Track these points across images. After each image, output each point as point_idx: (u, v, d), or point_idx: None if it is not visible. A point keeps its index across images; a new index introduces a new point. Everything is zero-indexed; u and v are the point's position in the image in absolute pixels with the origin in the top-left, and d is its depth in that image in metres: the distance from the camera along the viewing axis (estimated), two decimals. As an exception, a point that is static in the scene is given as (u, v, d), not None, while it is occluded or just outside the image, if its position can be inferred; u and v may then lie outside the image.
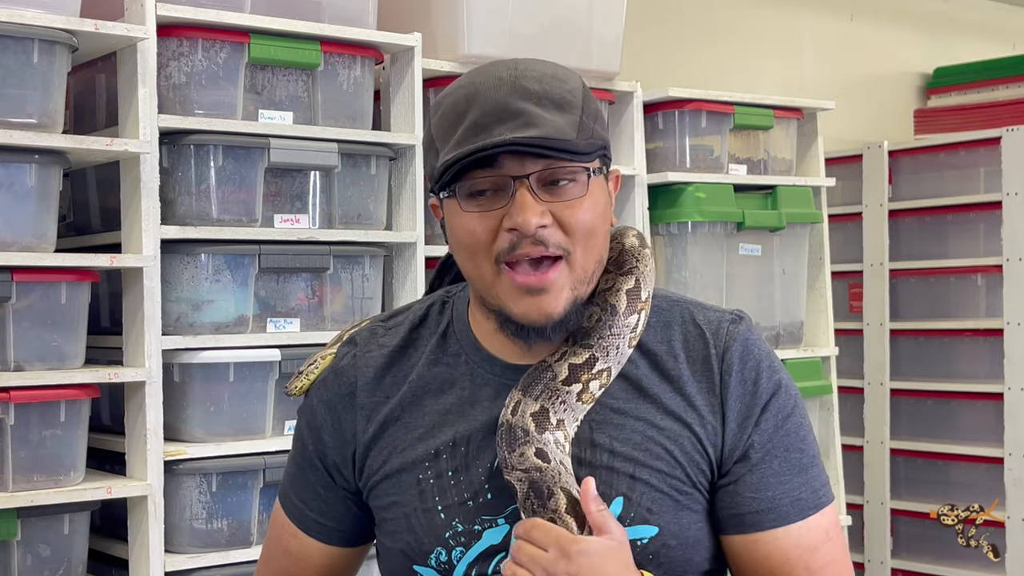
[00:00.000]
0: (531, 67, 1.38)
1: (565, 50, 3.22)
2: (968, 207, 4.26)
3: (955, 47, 5.14)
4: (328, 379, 1.52)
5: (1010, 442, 4.09)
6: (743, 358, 1.43)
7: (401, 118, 2.99)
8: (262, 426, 2.76)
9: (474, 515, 1.40)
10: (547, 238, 1.33)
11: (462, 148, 1.33)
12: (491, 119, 1.33)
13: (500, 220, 1.34)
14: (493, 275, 1.36)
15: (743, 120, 3.58)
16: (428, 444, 1.43)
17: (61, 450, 2.50)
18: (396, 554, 1.45)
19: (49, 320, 2.50)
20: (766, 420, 1.42)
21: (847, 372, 4.41)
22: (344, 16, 2.89)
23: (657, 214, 3.48)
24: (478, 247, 1.35)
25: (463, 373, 1.45)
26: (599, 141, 1.37)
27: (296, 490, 1.56)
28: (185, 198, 2.68)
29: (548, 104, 1.34)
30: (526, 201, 1.32)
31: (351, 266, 2.88)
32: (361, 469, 1.48)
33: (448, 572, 1.40)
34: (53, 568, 2.52)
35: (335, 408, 1.50)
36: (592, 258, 1.38)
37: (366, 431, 1.47)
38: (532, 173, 1.33)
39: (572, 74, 1.41)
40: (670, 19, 4.33)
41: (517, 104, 1.33)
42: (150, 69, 2.58)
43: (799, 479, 1.42)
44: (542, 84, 1.35)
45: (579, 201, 1.35)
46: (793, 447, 1.43)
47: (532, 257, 1.33)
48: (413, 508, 1.42)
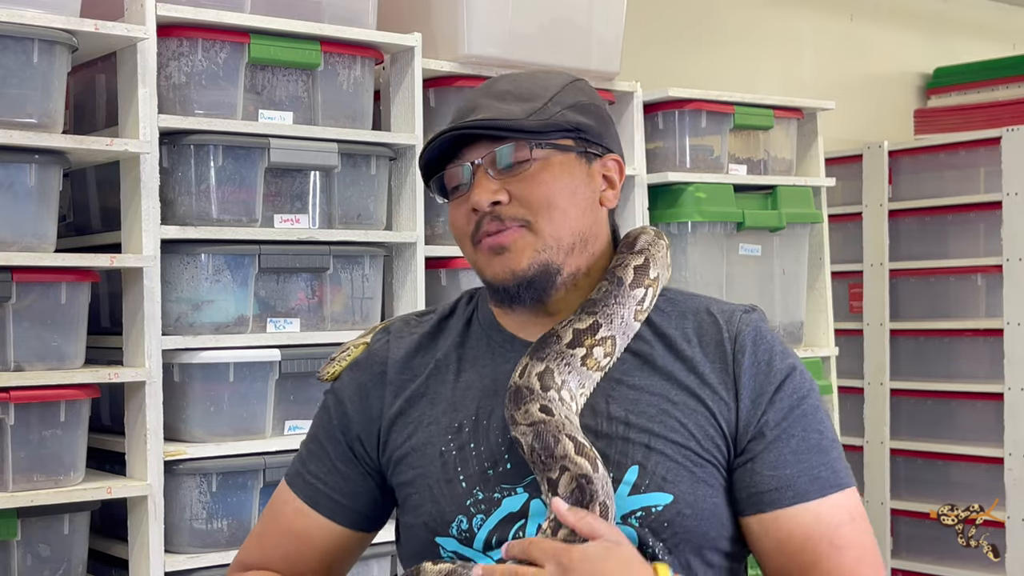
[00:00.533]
0: (523, 73, 1.54)
1: (565, 50, 3.23)
2: (968, 207, 4.26)
3: (955, 47, 5.14)
4: (361, 361, 1.59)
5: (1010, 442, 4.09)
6: (756, 341, 1.47)
7: (401, 118, 2.99)
8: (262, 426, 2.76)
9: (494, 484, 1.44)
10: (503, 213, 1.45)
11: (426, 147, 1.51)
12: (457, 117, 1.50)
13: (469, 206, 1.48)
14: (473, 254, 1.50)
15: (743, 120, 3.58)
16: (451, 417, 1.50)
17: (61, 450, 2.50)
18: (418, 529, 1.48)
19: (49, 320, 2.50)
20: (780, 399, 1.45)
21: (847, 372, 4.41)
22: (344, 16, 2.89)
23: (657, 214, 3.48)
24: (461, 233, 1.50)
25: (485, 352, 1.54)
26: (560, 122, 1.47)
27: (312, 467, 1.57)
28: (185, 198, 2.68)
29: (508, 98, 1.48)
30: (480, 182, 1.46)
31: (351, 266, 2.88)
32: (385, 444, 1.53)
33: (469, 540, 1.45)
34: (53, 568, 2.52)
35: (365, 386, 1.56)
36: (562, 228, 1.46)
37: (392, 406, 1.54)
38: (483, 158, 1.46)
39: (568, 77, 1.54)
40: (670, 19, 4.33)
41: (480, 101, 1.49)
42: (150, 69, 2.58)
43: (818, 458, 1.44)
44: (516, 83, 1.50)
45: (531, 174, 1.45)
46: (811, 427, 1.45)
47: (491, 232, 1.46)
48: (436, 479, 1.47)
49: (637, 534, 1.40)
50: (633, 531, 1.40)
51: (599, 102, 1.56)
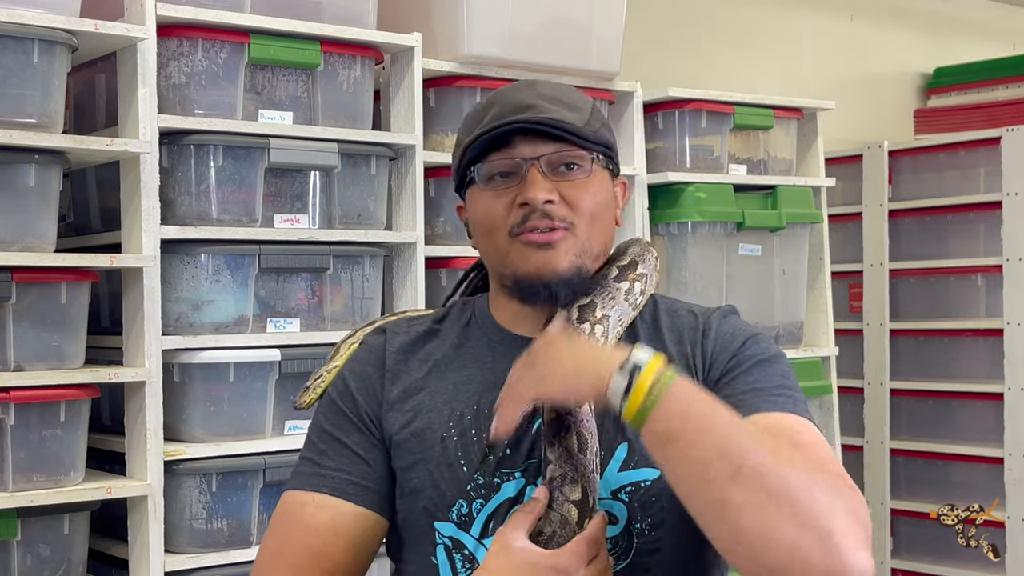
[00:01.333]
0: (547, 82, 1.59)
1: (565, 50, 3.23)
2: (968, 207, 4.26)
3: (955, 47, 5.14)
4: (359, 355, 1.62)
5: (1010, 442, 4.09)
6: (721, 319, 1.55)
7: (401, 118, 2.99)
8: (262, 426, 2.76)
9: (494, 468, 1.48)
10: (553, 212, 1.49)
11: (481, 129, 1.51)
12: (509, 111, 1.51)
13: (514, 198, 1.50)
14: (507, 245, 1.51)
15: (743, 120, 3.58)
16: (452, 406, 1.52)
17: (61, 450, 2.50)
18: (417, 514, 1.50)
19: (49, 320, 2.50)
20: (743, 354, 1.49)
21: (847, 372, 4.41)
22: (344, 16, 2.89)
23: (657, 214, 3.48)
24: (495, 223, 1.51)
25: (485, 350, 1.57)
26: (604, 138, 1.55)
27: (328, 464, 1.53)
28: (185, 198, 2.68)
29: (559, 103, 1.53)
30: (536, 179, 1.49)
31: (351, 266, 2.88)
32: (389, 425, 1.54)
33: (467, 526, 1.47)
34: (53, 568, 2.52)
35: (366, 373, 1.58)
36: (596, 237, 1.53)
37: (391, 391, 1.55)
38: (543, 155, 1.50)
39: (585, 95, 1.61)
40: (670, 19, 4.33)
41: (532, 100, 1.52)
42: (150, 69, 2.58)
43: (785, 395, 1.43)
44: (556, 91, 1.55)
45: (584, 182, 1.51)
46: (774, 374, 1.46)
47: (540, 228, 1.49)
48: (437, 464, 1.49)
49: (627, 509, 1.45)
50: (624, 506, 1.45)
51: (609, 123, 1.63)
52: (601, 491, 1.45)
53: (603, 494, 1.46)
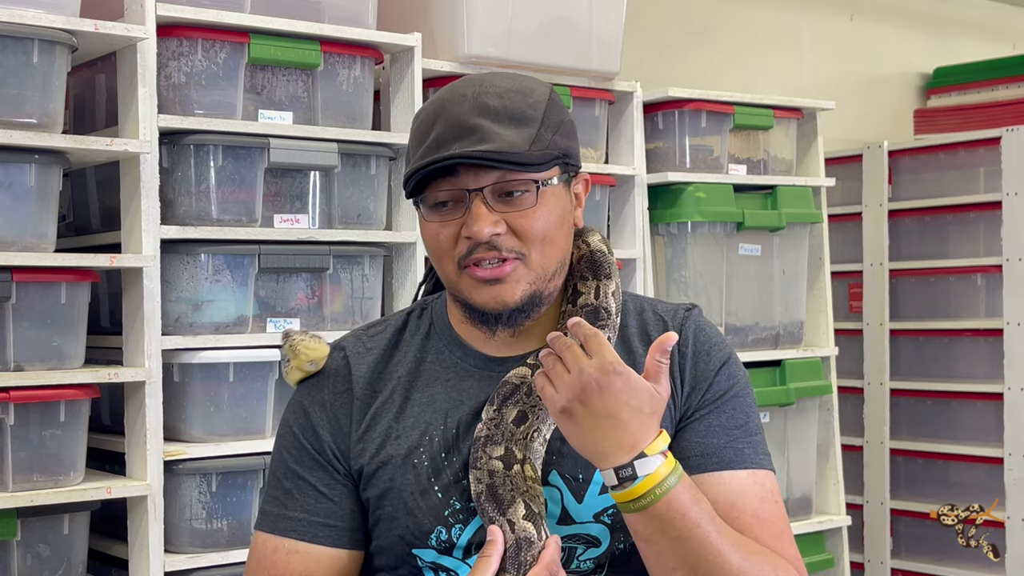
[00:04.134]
0: (496, 82, 1.49)
1: (565, 50, 3.23)
2: (968, 207, 4.26)
3: (955, 47, 5.14)
4: (320, 382, 1.57)
5: (1010, 442, 4.09)
6: (697, 335, 1.55)
7: (401, 118, 2.99)
8: (262, 426, 2.76)
9: (469, 492, 1.45)
10: (500, 243, 1.45)
11: (422, 161, 1.44)
12: (450, 135, 1.44)
13: (459, 228, 1.46)
14: (456, 275, 1.48)
15: (743, 120, 3.58)
16: (420, 430, 1.50)
17: (61, 450, 2.50)
18: (393, 541, 1.49)
19: (49, 320, 2.50)
20: (717, 383, 1.53)
21: (847, 372, 4.41)
22: (344, 16, 2.89)
23: (657, 214, 3.48)
24: (442, 251, 1.48)
25: (448, 367, 1.55)
26: (554, 151, 1.46)
27: (293, 505, 1.53)
28: (185, 198, 2.68)
29: (505, 119, 1.44)
30: (480, 212, 1.44)
31: (351, 266, 2.88)
32: (354, 458, 1.52)
33: (449, 550, 1.46)
34: (53, 568, 2.52)
35: (330, 404, 1.55)
36: (551, 259, 1.49)
37: (360, 422, 1.53)
38: (486, 186, 1.44)
39: (541, 86, 1.51)
40: (670, 19, 4.33)
41: (474, 120, 1.44)
42: (150, 69, 2.58)
43: (743, 437, 1.51)
44: (503, 99, 1.46)
45: (531, 211, 1.45)
46: (739, 410, 1.52)
47: (488, 261, 1.45)
48: (411, 492, 1.48)
49: (608, 531, 1.47)
50: (605, 528, 1.47)
51: (568, 114, 1.54)
52: (582, 514, 1.47)
53: (585, 517, 1.47)
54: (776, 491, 1.51)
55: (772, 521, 1.47)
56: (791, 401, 3.60)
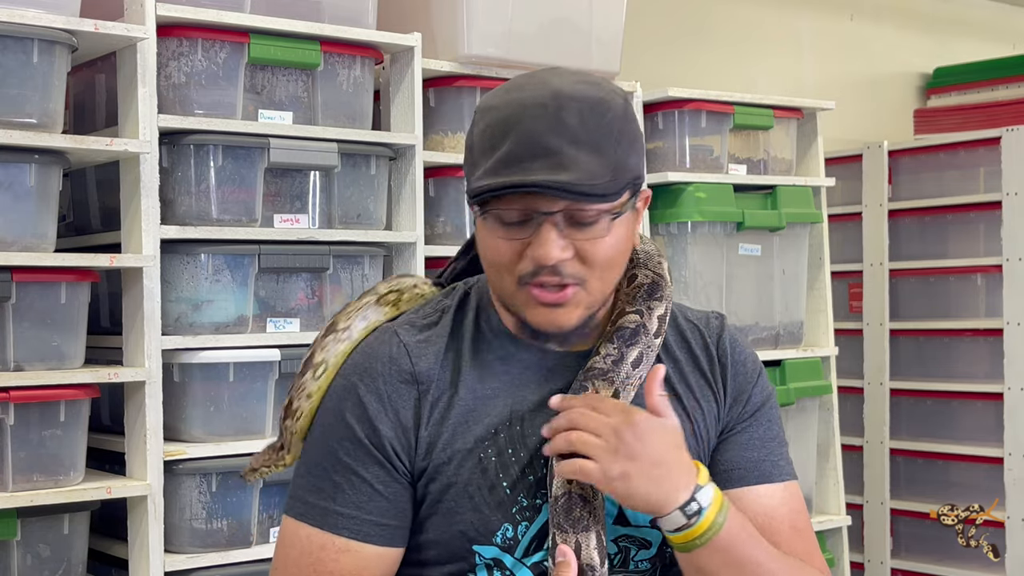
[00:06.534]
0: (575, 92, 1.40)
1: (565, 50, 3.23)
2: (968, 207, 4.26)
3: (955, 47, 5.14)
4: (372, 368, 1.48)
5: (1010, 442, 4.09)
6: (733, 346, 1.58)
7: (401, 118, 2.99)
8: (262, 426, 2.76)
9: (536, 489, 1.45)
10: (564, 269, 1.41)
11: (495, 179, 1.37)
12: (526, 153, 1.37)
13: (525, 246, 1.40)
14: (514, 289, 1.44)
15: (743, 120, 3.58)
16: (485, 424, 1.46)
17: (61, 450, 2.50)
18: (453, 536, 1.45)
19: (49, 320, 2.50)
20: (755, 395, 1.56)
21: (847, 372, 4.41)
22: (344, 16, 2.89)
23: (657, 214, 3.48)
24: (503, 265, 1.43)
25: (505, 359, 1.51)
26: (629, 176, 1.41)
27: (343, 500, 1.45)
28: (185, 198, 2.68)
29: (584, 144, 1.37)
30: (550, 236, 1.39)
31: (351, 266, 2.88)
32: (421, 453, 1.46)
33: (512, 548, 1.44)
34: (53, 568, 2.52)
35: (388, 397, 1.47)
36: (609, 284, 1.47)
37: (421, 416, 1.46)
38: (558, 211, 1.38)
39: (615, 96, 1.43)
40: (670, 19, 4.33)
41: (553, 142, 1.36)
42: (150, 69, 2.58)
43: (778, 449, 1.55)
44: (582, 118, 1.38)
45: (602, 238, 1.41)
46: (773, 421, 1.57)
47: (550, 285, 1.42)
48: (477, 486, 1.44)
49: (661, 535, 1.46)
50: (659, 533, 1.46)
51: (638, 124, 1.48)
52: (640, 518, 1.47)
53: (642, 521, 1.47)
54: (803, 501, 1.55)
55: (806, 532, 1.51)
56: (791, 401, 3.60)
